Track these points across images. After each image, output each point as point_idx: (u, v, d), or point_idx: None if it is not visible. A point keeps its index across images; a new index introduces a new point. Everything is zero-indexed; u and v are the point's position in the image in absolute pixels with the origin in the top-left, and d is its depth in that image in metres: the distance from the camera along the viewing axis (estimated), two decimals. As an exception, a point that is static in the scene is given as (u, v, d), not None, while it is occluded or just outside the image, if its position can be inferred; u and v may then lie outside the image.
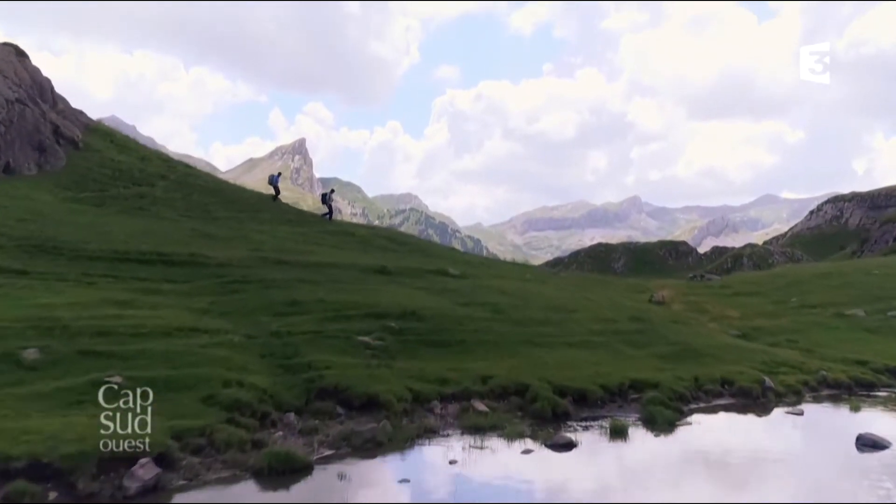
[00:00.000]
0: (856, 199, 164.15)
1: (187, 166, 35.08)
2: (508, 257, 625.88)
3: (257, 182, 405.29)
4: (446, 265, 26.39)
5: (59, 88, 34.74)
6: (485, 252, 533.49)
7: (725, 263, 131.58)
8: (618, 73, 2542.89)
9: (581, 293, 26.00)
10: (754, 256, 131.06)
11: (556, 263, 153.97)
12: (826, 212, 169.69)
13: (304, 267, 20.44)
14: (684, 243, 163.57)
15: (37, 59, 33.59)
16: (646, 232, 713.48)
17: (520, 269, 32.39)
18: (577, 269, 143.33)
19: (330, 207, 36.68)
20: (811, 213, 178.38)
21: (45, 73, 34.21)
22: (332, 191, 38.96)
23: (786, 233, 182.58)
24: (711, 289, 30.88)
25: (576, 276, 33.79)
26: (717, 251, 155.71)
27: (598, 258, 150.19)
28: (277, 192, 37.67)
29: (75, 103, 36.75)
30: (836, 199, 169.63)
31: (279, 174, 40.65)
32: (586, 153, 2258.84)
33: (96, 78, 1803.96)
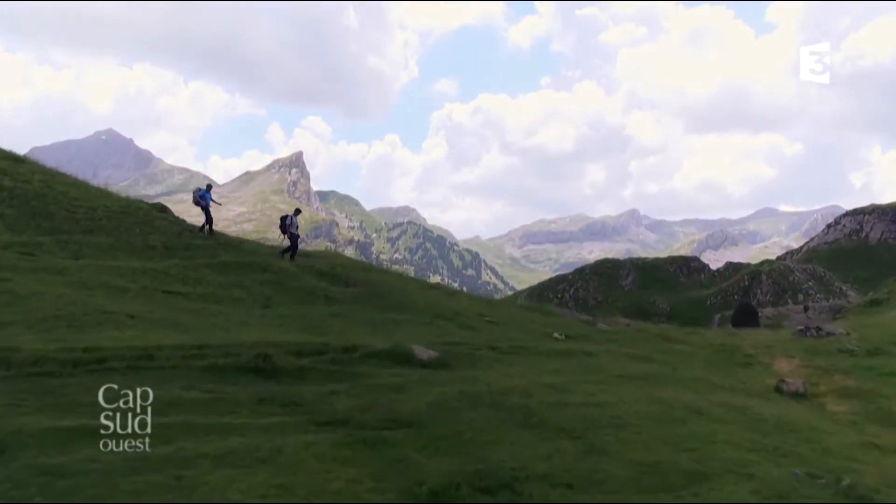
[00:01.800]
0: (876, 212, 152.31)
1: (19, 159, 22.26)
2: (507, 270, 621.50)
3: (255, 195, 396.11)
4: (415, 333, 13.95)
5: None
6: (483, 266, 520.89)
7: (742, 281, 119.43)
8: (616, 87, 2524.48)
9: (668, 387, 13.54)
10: (774, 274, 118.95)
11: (561, 280, 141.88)
12: (844, 225, 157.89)
13: (38, 376, 8.04)
14: (696, 259, 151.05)
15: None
16: (644, 245, 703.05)
17: (541, 321, 19.93)
18: (582, 286, 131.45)
19: (293, 238, 23.89)
20: (828, 226, 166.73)
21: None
22: (298, 211, 25.89)
23: (801, 247, 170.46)
24: (855, 358, 18.52)
25: (624, 328, 21.61)
26: (732, 267, 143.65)
27: (605, 274, 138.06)
28: (209, 217, 24.47)
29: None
30: (855, 213, 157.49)
31: (209, 187, 26.33)
32: (584, 166, 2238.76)
33: (95, 92, 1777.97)
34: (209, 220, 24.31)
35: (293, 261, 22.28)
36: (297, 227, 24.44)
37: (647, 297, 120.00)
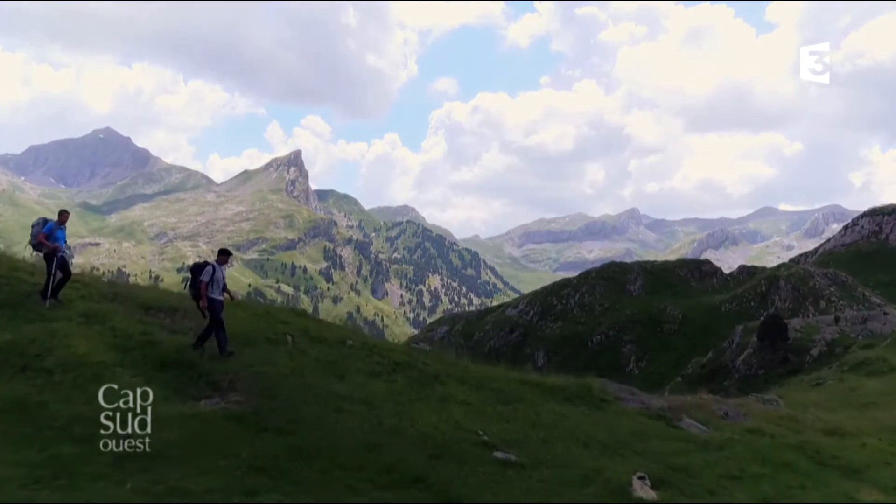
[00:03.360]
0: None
1: None
2: (506, 270, 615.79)
3: (252, 194, 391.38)
4: None
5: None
6: (482, 266, 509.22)
7: (759, 287, 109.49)
8: (616, 86, 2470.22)
9: None
10: (793, 279, 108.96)
11: (565, 285, 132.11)
12: (863, 227, 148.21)
13: None
14: (707, 262, 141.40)
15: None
16: (644, 245, 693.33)
17: (595, 430, 10.25)
18: (588, 292, 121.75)
19: (214, 312, 12.12)
20: (845, 227, 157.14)
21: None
22: (226, 255, 13.19)
23: (817, 249, 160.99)
24: None
25: (729, 429, 12.47)
26: (746, 271, 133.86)
27: (611, 279, 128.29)
28: (53, 272, 13.17)
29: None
30: (874, 213, 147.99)
31: (62, 217, 14.51)
32: (584, 166, 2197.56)
33: (95, 91, 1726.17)
34: (55, 277, 13.18)
35: (227, 354, 11.81)
36: (225, 289, 12.60)
37: (657, 303, 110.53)
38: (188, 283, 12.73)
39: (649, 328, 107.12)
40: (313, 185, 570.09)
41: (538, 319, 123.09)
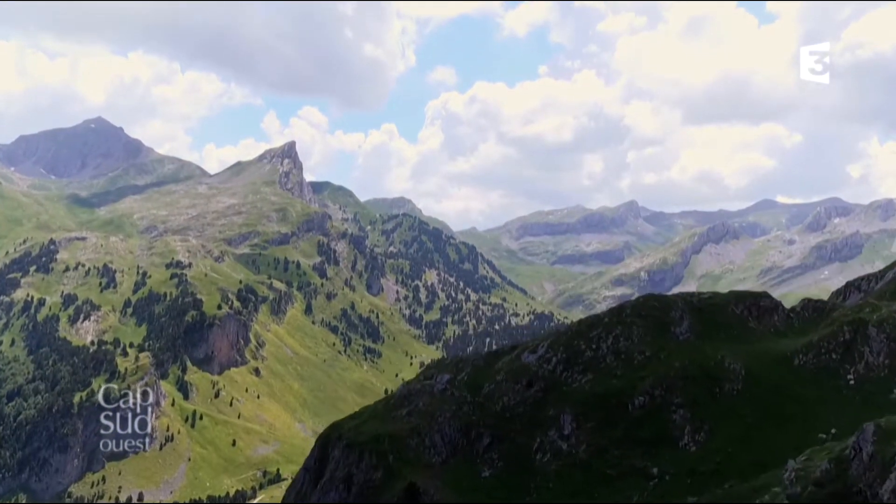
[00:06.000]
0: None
1: None
2: (503, 263, 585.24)
3: (245, 186, 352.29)
4: None
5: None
6: (480, 260, 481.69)
7: (841, 334, 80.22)
8: (615, 77, 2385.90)
9: None
10: (887, 326, 79.62)
11: (594, 325, 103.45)
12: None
13: None
14: (766, 296, 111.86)
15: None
16: (643, 238, 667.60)
17: None
18: (624, 335, 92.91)
19: None
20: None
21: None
22: None
23: (883, 272, 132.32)
24: None
25: None
26: (811, 307, 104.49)
27: (650, 317, 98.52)
28: None
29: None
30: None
31: None
32: (582, 157, 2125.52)
33: (90, 81, 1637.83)
34: None
35: None
36: None
37: (712, 351, 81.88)
38: None
39: (705, 387, 76.60)
40: (310, 177, 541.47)
41: (562, 370, 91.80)
